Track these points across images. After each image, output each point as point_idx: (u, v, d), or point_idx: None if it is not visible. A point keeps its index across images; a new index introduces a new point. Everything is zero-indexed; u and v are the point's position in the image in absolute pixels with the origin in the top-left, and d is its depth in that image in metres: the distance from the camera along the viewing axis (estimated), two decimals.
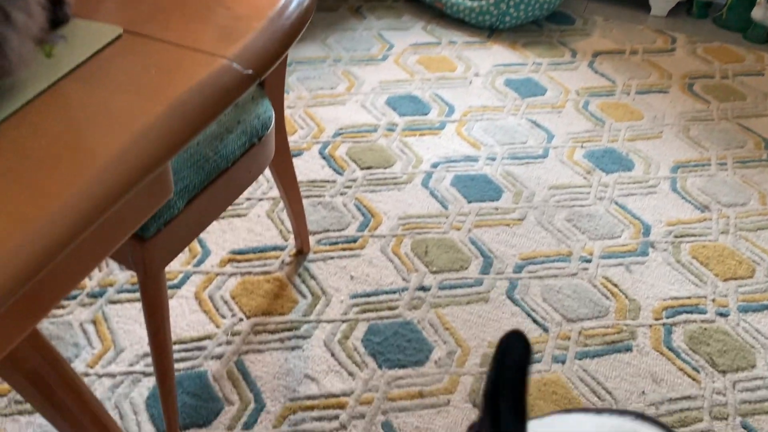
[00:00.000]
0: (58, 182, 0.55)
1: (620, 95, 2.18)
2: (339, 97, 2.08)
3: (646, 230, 1.70)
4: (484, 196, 1.76)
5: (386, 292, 1.49)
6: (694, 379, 1.37)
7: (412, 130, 1.97)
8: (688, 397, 1.34)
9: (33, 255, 0.52)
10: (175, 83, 0.64)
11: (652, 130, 2.05)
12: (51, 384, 0.85)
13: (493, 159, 1.88)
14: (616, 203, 1.77)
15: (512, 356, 0.47)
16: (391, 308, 1.46)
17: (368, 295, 1.48)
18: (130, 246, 0.93)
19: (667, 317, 1.49)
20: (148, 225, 0.92)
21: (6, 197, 0.55)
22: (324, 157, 1.84)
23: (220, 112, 0.62)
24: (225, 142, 1.06)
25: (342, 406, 1.26)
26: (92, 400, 0.90)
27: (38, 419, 1.18)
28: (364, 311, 1.44)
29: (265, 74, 0.71)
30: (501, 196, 1.76)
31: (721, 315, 1.51)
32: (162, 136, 0.58)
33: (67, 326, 1.35)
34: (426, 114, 2.03)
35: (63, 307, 1.38)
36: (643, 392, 1.34)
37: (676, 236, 1.69)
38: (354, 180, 1.77)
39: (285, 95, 1.46)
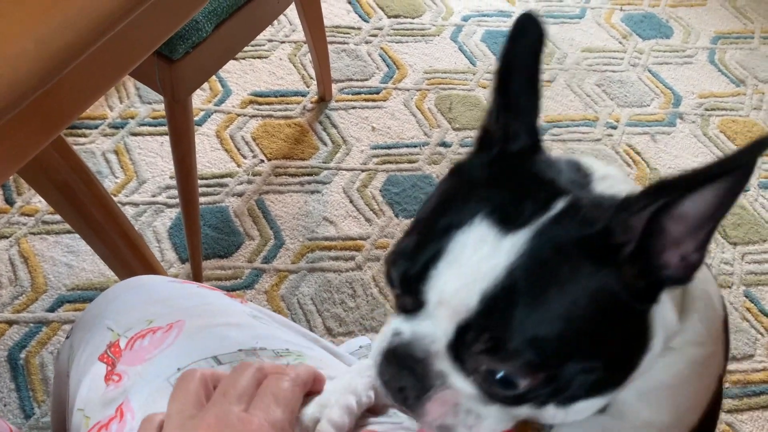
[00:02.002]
0: None
1: None
2: None
3: (677, 101, 1.66)
4: None
5: (407, 146, 1.48)
6: None
7: None
8: None
9: (60, 44, 0.50)
10: None
11: None
12: (82, 198, 0.86)
13: None
14: (650, 71, 1.71)
15: (526, 37, 0.46)
16: (411, 161, 1.45)
17: (389, 147, 1.47)
18: (159, 67, 0.90)
19: None
20: (176, 46, 0.89)
21: None
22: (350, 2, 1.75)
23: None
24: None
25: (358, 249, 1.30)
26: (121, 217, 0.92)
27: (65, 239, 1.22)
28: (384, 162, 1.44)
29: None
30: None
31: None
32: None
33: (89, 154, 1.36)
34: None
35: (85, 135, 1.38)
36: None
37: (706, 109, 1.65)
38: (380, 28, 1.70)
39: None
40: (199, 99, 1.48)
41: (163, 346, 0.57)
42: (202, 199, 1.31)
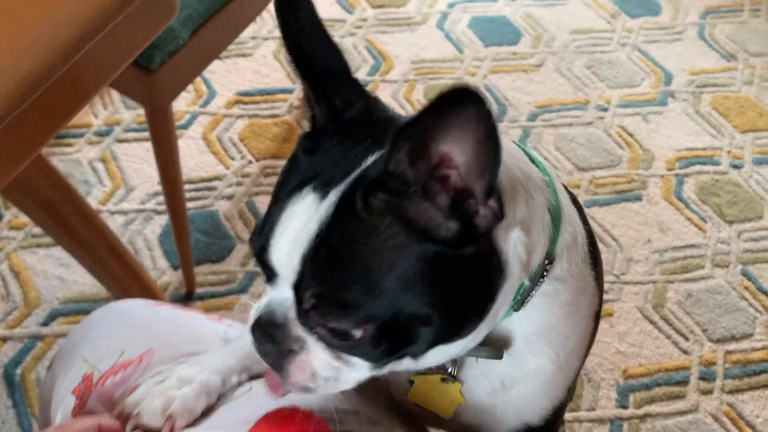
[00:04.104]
0: None
1: None
2: None
3: (668, 79, 1.64)
4: (501, 40, 1.67)
5: None
6: (700, 229, 1.38)
7: None
8: (692, 246, 1.36)
9: (35, 63, 0.49)
10: None
11: None
12: (65, 213, 0.85)
13: None
14: (639, 50, 1.69)
15: (296, 10, 0.47)
16: None
17: None
18: (137, 77, 0.89)
19: (680, 168, 1.48)
20: (153, 55, 0.88)
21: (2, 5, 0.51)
22: None
23: None
24: None
25: None
26: (106, 230, 0.91)
27: (56, 252, 1.21)
28: None
29: None
30: (519, 40, 1.68)
31: (735, 167, 1.49)
32: None
33: (76, 164, 1.34)
34: None
35: (71, 145, 1.37)
36: (649, 240, 1.36)
37: (698, 86, 1.63)
38: (365, 20, 1.68)
39: None
40: (184, 102, 1.46)
41: (131, 380, 0.57)
42: (191, 204, 1.30)
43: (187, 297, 1.19)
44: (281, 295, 0.46)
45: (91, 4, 0.55)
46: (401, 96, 1.54)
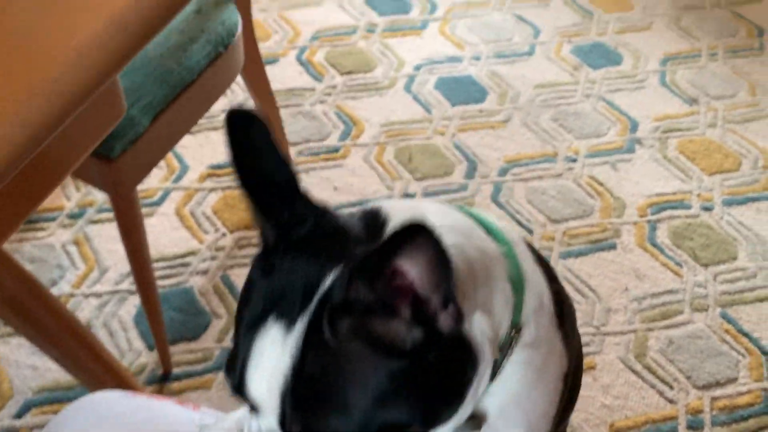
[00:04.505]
0: None
1: None
2: None
3: (633, 127, 1.67)
4: (468, 99, 1.71)
5: (371, 202, 1.48)
6: (676, 274, 1.39)
7: (392, 30, 1.88)
8: (669, 291, 1.36)
9: None
10: None
11: (642, 21, 1.97)
12: (31, 309, 0.85)
13: (478, 59, 1.82)
14: (604, 100, 1.73)
15: (244, 127, 0.47)
16: None
17: (353, 205, 1.47)
18: (98, 167, 0.90)
19: (652, 214, 1.49)
20: (113, 145, 0.89)
21: None
22: (301, 63, 1.77)
23: (164, 24, 0.58)
24: (189, 52, 1.01)
25: None
26: (75, 323, 0.90)
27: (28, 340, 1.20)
28: None
29: None
30: (485, 98, 1.72)
31: (706, 209, 1.51)
32: (103, 52, 0.54)
33: (49, 248, 1.34)
34: (407, 12, 1.94)
35: (43, 229, 1.37)
36: (626, 288, 1.36)
37: (663, 132, 1.66)
38: (334, 87, 1.71)
39: None
40: (156, 178, 1.47)
41: None
42: (165, 282, 1.29)
43: (163, 378, 1.18)
44: (268, 425, 0.47)
45: (37, 112, 0.56)
46: (373, 159, 1.56)
